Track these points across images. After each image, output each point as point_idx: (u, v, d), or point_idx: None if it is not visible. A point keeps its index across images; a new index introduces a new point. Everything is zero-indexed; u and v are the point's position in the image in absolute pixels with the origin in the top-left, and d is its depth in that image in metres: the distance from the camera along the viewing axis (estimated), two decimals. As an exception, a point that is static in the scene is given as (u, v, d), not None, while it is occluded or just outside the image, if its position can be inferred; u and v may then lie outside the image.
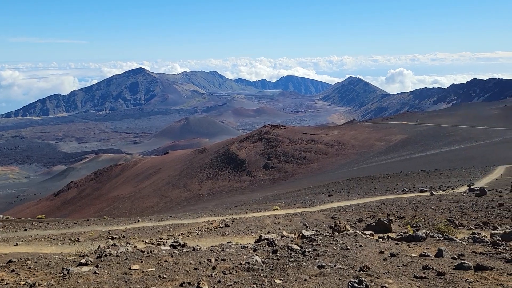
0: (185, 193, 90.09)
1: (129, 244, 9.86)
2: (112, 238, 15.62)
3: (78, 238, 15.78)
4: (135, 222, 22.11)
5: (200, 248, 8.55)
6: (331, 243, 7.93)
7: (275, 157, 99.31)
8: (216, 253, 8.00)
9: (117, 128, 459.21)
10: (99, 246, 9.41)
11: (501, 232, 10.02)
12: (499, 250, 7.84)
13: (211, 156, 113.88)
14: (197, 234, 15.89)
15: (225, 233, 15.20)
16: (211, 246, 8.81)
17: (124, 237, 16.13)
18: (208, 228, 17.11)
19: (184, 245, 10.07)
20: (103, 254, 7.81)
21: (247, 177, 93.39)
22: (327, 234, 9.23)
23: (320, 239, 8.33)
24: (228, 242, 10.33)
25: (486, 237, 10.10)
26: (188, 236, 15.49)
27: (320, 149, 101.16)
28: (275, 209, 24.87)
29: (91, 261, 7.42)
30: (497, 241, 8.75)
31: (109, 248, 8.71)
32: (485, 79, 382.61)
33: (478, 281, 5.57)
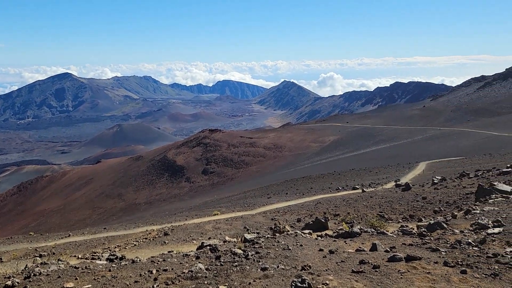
0: (120, 203, 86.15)
1: (61, 261, 9.19)
2: (40, 256, 14.45)
3: (1, 258, 14.39)
4: (65, 236, 20.66)
5: (139, 260, 8.22)
6: (273, 245, 8.05)
7: (214, 162, 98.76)
8: (157, 263, 7.74)
9: (42, 137, 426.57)
10: (26, 265, 8.64)
11: (426, 223, 10.89)
12: (425, 240, 8.50)
13: (147, 164, 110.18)
14: (135, 245, 15.26)
15: (165, 242, 14.78)
16: (151, 257, 8.51)
17: (54, 253, 15.00)
18: (146, 238, 16.51)
19: (122, 258, 9.62)
20: (32, 274, 7.19)
21: (186, 183, 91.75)
22: (268, 236, 9.36)
23: (262, 242, 8.42)
24: (169, 251, 10.04)
25: (413, 229, 10.90)
26: (126, 248, 14.82)
27: (258, 152, 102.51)
28: (215, 214, 24.68)
29: (18, 282, 6.80)
30: (423, 232, 9.48)
31: (38, 267, 8.03)
32: (406, 82, 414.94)
33: (409, 271, 5.99)
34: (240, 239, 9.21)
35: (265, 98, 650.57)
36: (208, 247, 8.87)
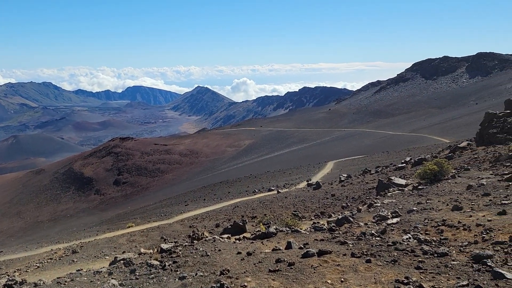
0: (19, 222, 77.51)
1: None
2: None
3: None
4: (-50, 267, 17.94)
5: (43, 283, 7.48)
6: (191, 252, 7.93)
7: (127, 172, 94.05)
8: (64, 284, 7.12)
9: None
10: None
11: (335, 219, 11.66)
12: (335, 234, 9.10)
13: (50, 177, 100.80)
14: (38, 267, 13.87)
15: (74, 261, 13.66)
16: (58, 278, 7.80)
17: None
18: (51, 259, 15.09)
19: (22, 282, 8.65)
20: None
21: (96, 195, 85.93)
22: (186, 244, 9.20)
23: (180, 250, 8.25)
24: (77, 270, 9.29)
25: (324, 225, 11.59)
26: (27, 271, 13.39)
27: (174, 159, 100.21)
28: (130, 227, 23.51)
29: None
30: (333, 227, 10.14)
31: None
32: (313, 87, 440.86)
33: (321, 265, 6.36)
34: (156, 250, 8.90)
35: (179, 104, 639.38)
36: (122, 261, 8.41)
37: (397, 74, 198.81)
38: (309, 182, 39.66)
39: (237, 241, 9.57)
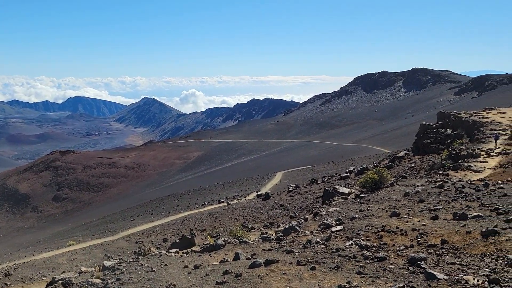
0: None
1: None
2: None
3: None
4: None
5: (-31, 311, 6.86)
6: (135, 269, 7.68)
7: (67, 187, 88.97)
8: (-6, 311, 6.58)
9: None
10: None
11: (282, 229, 11.85)
12: (282, 244, 9.26)
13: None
14: (-36, 294, 12.65)
15: (7, 284, 12.64)
16: (-14, 305, 7.20)
17: None
18: (-20, 284, 13.84)
19: None
20: None
21: (33, 213, 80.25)
22: (131, 260, 8.89)
23: (124, 267, 7.96)
24: (10, 295, 8.62)
25: (272, 235, 11.74)
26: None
27: (119, 173, 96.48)
28: (70, 245, 22.20)
29: None
30: (280, 237, 10.30)
31: None
32: (262, 99, 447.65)
33: (268, 274, 6.45)
34: (98, 268, 8.51)
35: (125, 115, 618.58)
36: (60, 281, 7.94)
37: (341, 87, 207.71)
38: (259, 193, 39.96)
39: (185, 254, 9.41)
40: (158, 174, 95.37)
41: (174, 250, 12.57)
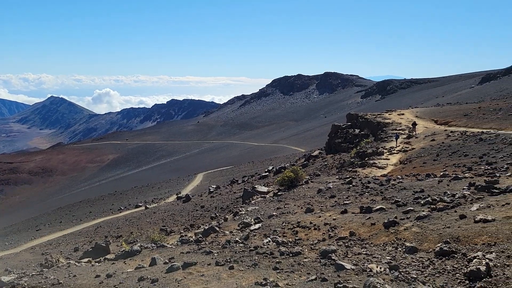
0: None
1: None
2: None
3: None
4: None
5: None
6: (39, 282, 7.03)
7: (-43, 197, 78.59)
8: None
9: None
10: None
11: (202, 230, 11.77)
12: (201, 245, 9.19)
13: None
14: None
15: None
16: None
17: None
18: None
19: None
20: None
21: None
22: (34, 273, 8.12)
23: (26, 281, 7.23)
24: None
25: (192, 237, 11.60)
26: None
27: (22, 179, 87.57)
28: (-39, 262, 19.59)
29: None
30: (199, 239, 10.22)
31: None
32: (181, 99, 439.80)
33: (185, 277, 6.34)
34: (-6, 286, 7.61)
35: (28, 116, 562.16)
36: None
37: (259, 89, 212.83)
38: (179, 195, 39.26)
39: (97, 263, 8.86)
40: (68, 179, 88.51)
41: (86, 260, 11.78)
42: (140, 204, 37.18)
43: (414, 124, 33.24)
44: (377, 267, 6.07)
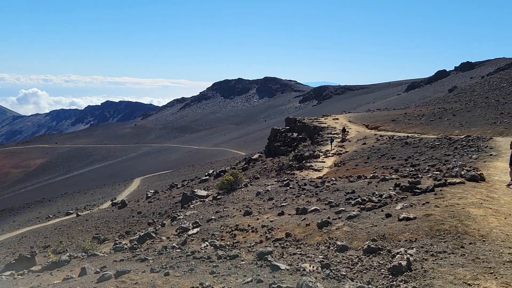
0: None
1: None
2: None
3: None
4: None
5: None
6: (-50, 302, 6.36)
7: None
8: None
9: None
10: None
11: (137, 237, 11.38)
12: (136, 253, 8.89)
13: None
14: None
15: None
16: None
17: None
18: None
19: None
20: None
21: None
22: None
23: None
24: None
25: (126, 244, 11.17)
26: None
27: None
28: None
29: None
30: (134, 246, 9.88)
31: None
32: (117, 101, 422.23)
33: (118, 286, 6.09)
34: None
35: None
36: None
37: (200, 92, 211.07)
38: (114, 201, 37.73)
39: (19, 276, 8.21)
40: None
41: (8, 273, 10.85)
42: (71, 212, 35.18)
43: (344, 130, 35.12)
44: (310, 266, 6.29)
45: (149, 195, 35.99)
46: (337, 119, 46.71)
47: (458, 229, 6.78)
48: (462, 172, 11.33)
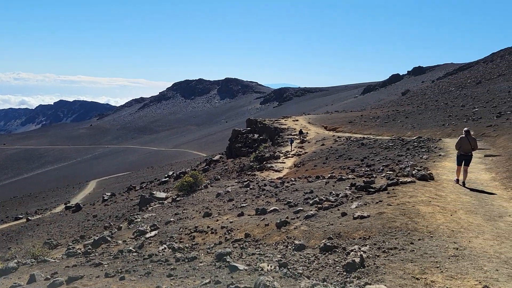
0: None
1: None
2: None
3: None
4: None
5: None
6: None
7: None
8: None
9: None
10: None
11: (91, 241, 10.98)
12: (90, 257, 8.58)
13: None
14: None
15: None
16: None
17: None
18: None
19: None
20: None
21: None
22: None
23: None
24: None
25: (80, 249, 10.75)
26: None
27: None
28: None
29: None
30: (88, 250, 9.53)
31: None
32: (71, 100, 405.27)
33: (70, 293, 5.86)
34: None
35: None
36: None
37: (159, 92, 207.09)
38: (68, 204, 36.36)
39: (-39, 287, 7.67)
40: None
41: None
42: (21, 216, 33.43)
43: (301, 132, 35.90)
44: (268, 265, 6.36)
45: (105, 198, 34.92)
46: (297, 120, 47.51)
47: (408, 226, 7.11)
48: (413, 172, 11.88)
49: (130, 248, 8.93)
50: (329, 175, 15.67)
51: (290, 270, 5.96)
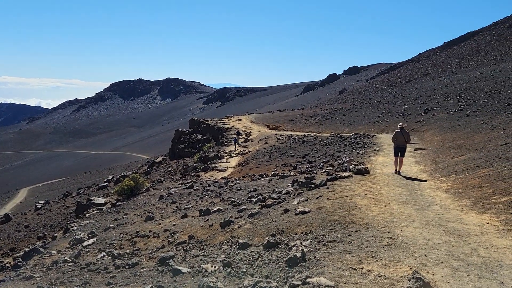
0: None
1: None
2: None
3: None
4: None
5: None
6: None
7: None
8: None
9: None
10: None
11: (22, 253, 10.21)
12: (20, 271, 7.97)
13: None
14: None
15: None
16: None
17: None
18: None
19: None
20: None
21: None
22: None
23: None
24: None
25: (10, 262, 9.95)
26: None
27: None
28: None
29: None
30: (18, 263, 8.84)
31: None
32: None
33: (-4, 311, 5.40)
34: None
35: None
36: None
37: (96, 93, 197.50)
38: (-7, 216, 33.42)
39: None
40: None
41: None
42: None
43: (238, 133, 36.11)
44: (212, 266, 6.31)
45: (38, 206, 32.69)
46: (240, 120, 47.73)
47: (346, 218, 7.43)
48: (351, 167, 12.44)
49: (65, 258, 8.43)
50: (272, 172, 15.93)
51: (234, 269, 5.97)
